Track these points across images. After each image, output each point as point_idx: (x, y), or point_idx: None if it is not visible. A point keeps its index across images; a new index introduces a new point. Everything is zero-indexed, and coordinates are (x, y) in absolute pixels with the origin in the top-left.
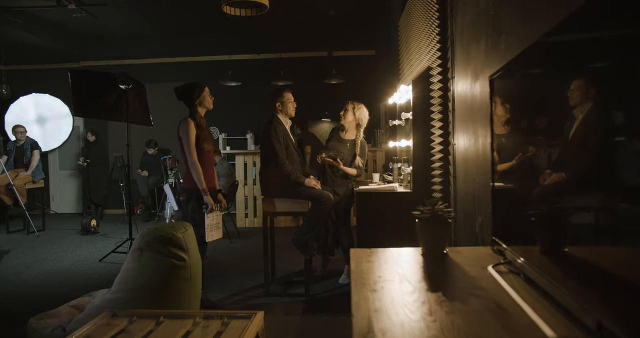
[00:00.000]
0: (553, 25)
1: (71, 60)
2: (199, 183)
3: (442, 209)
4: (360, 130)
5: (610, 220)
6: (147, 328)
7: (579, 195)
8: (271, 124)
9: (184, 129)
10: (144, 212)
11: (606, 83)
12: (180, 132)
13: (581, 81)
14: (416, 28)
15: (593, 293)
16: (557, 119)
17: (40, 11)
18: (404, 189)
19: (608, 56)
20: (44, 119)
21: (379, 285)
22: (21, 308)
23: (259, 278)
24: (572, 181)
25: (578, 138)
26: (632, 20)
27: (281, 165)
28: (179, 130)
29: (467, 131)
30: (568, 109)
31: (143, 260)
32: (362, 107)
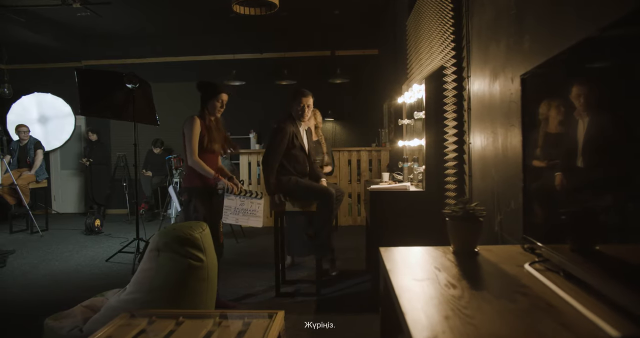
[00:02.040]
0: (608, 23)
1: (73, 59)
2: (207, 173)
3: (474, 208)
4: (319, 131)
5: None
6: (168, 328)
7: (621, 191)
8: (278, 126)
9: (189, 126)
10: (147, 212)
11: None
12: (185, 129)
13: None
14: (427, 28)
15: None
16: (598, 116)
17: (44, 10)
18: (415, 188)
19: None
20: (46, 119)
21: (422, 284)
22: (32, 309)
23: (268, 278)
24: (613, 178)
25: (619, 133)
26: None
27: (264, 167)
28: (183, 126)
29: (485, 130)
30: (610, 107)
31: (160, 261)
32: (317, 111)
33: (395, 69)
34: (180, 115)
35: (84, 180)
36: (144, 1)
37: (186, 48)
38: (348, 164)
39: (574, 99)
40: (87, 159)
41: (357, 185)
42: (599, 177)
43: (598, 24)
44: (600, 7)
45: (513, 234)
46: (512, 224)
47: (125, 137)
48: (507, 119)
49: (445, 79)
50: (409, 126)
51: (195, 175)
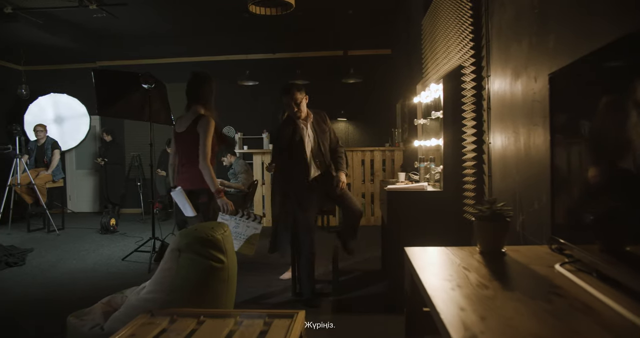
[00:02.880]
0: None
1: (88, 60)
2: (213, 185)
3: (501, 208)
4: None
5: None
6: (190, 327)
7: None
8: (278, 124)
9: (206, 127)
10: (161, 211)
11: None
12: (200, 129)
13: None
14: (444, 27)
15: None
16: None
17: (60, 12)
18: (433, 188)
19: None
20: (62, 119)
21: (453, 284)
22: (53, 307)
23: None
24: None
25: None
26: None
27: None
28: (198, 126)
29: (506, 129)
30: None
31: (181, 261)
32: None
33: (409, 68)
34: None
35: (98, 180)
36: (159, 2)
37: (199, 48)
38: (361, 163)
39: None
40: (102, 158)
41: (370, 185)
42: (633, 176)
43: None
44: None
45: (537, 235)
46: (536, 225)
47: (140, 137)
48: (530, 119)
49: (464, 79)
50: (425, 126)
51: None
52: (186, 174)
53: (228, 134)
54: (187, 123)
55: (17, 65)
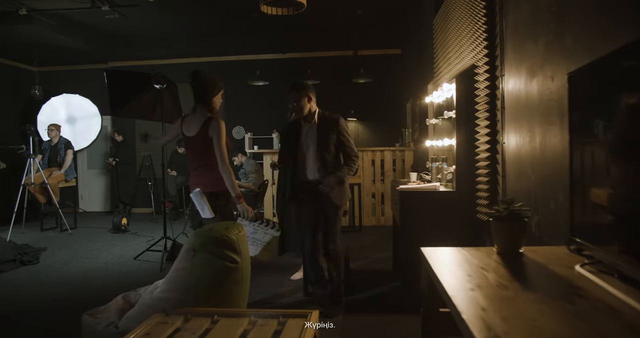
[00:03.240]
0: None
1: (100, 61)
2: (233, 190)
3: (519, 208)
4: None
5: None
6: (204, 326)
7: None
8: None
9: (219, 129)
10: (171, 211)
11: None
12: (214, 132)
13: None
14: (456, 27)
15: None
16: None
17: (73, 13)
18: (445, 188)
19: None
20: (74, 119)
21: (472, 284)
22: (67, 305)
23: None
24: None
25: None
26: None
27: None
28: (209, 129)
29: (521, 129)
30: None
31: (196, 261)
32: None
33: (419, 68)
34: None
35: (109, 180)
36: (170, 3)
37: (210, 48)
38: (372, 163)
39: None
40: (114, 158)
41: (380, 185)
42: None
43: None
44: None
45: (553, 235)
46: (552, 225)
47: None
48: (546, 118)
49: (477, 78)
50: (437, 126)
51: (222, 179)
52: (200, 178)
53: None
54: (196, 126)
55: (30, 66)
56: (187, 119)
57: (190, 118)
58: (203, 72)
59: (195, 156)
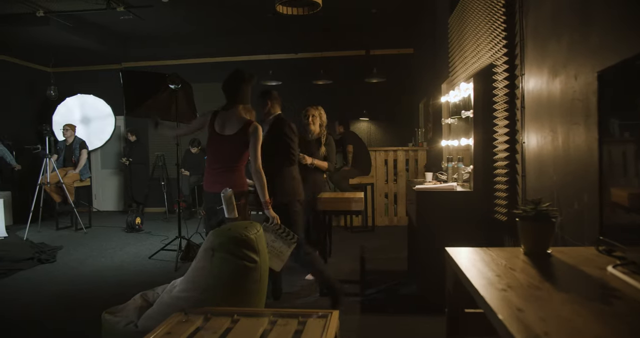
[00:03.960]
0: None
1: (114, 61)
2: (263, 194)
3: (547, 208)
4: (323, 128)
5: None
6: (224, 325)
7: None
8: None
9: (259, 134)
10: (184, 210)
11: None
12: (254, 136)
13: None
14: (474, 26)
15: None
16: None
17: (88, 14)
18: (462, 188)
19: None
20: (88, 119)
21: (503, 285)
22: (85, 302)
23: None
24: None
25: None
26: None
27: None
28: (250, 131)
29: (542, 129)
30: None
31: (215, 261)
32: (320, 109)
33: (433, 68)
34: None
35: (123, 179)
36: (183, 3)
37: (222, 48)
38: (384, 163)
39: None
40: (127, 158)
41: (393, 185)
42: None
43: None
44: None
45: (577, 236)
46: (576, 225)
47: (164, 137)
48: (569, 117)
49: (495, 77)
50: (453, 125)
51: (244, 179)
52: (220, 177)
53: None
54: (235, 126)
55: (45, 67)
56: (220, 116)
57: (225, 116)
58: (244, 70)
59: (223, 155)
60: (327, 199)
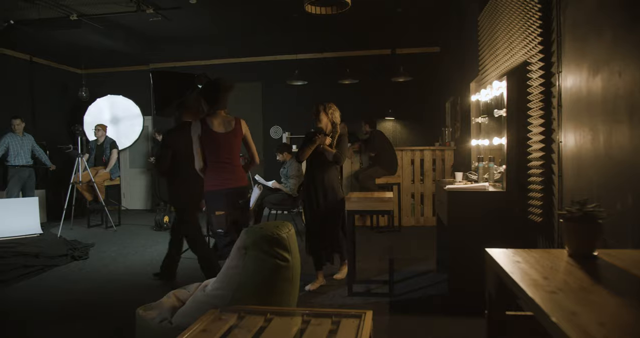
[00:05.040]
0: None
1: (141, 62)
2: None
3: (593, 209)
4: (337, 126)
5: None
6: (258, 324)
7: None
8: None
9: (247, 128)
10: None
11: None
12: (247, 131)
13: None
14: (505, 23)
15: None
16: None
17: (118, 17)
18: (494, 189)
19: None
20: (117, 119)
21: (552, 287)
22: (118, 298)
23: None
24: None
25: None
26: None
27: None
28: (242, 127)
29: (581, 128)
30: None
31: (247, 259)
32: (332, 106)
33: (460, 66)
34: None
35: (150, 179)
36: (209, 4)
37: (248, 49)
38: (411, 163)
39: None
40: (155, 157)
41: (420, 185)
42: None
43: None
44: None
45: (620, 238)
46: (618, 227)
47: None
48: (612, 116)
49: (530, 75)
50: (483, 124)
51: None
52: (234, 173)
53: (276, 133)
54: (228, 124)
55: (77, 69)
56: (208, 119)
57: (212, 118)
58: (222, 78)
59: (229, 151)
60: (357, 199)
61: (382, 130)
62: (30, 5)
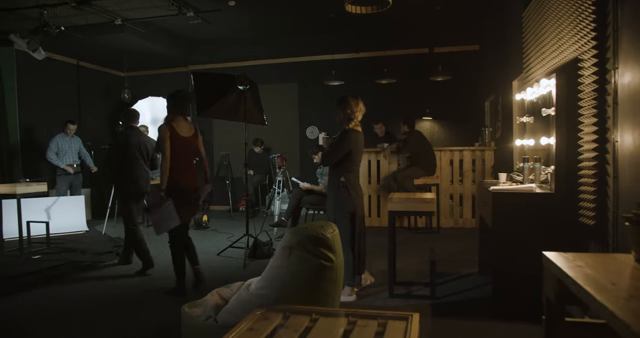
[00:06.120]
0: None
1: (180, 64)
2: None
3: None
4: (341, 120)
5: None
6: (304, 324)
7: None
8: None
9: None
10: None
11: None
12: (200, 135)
13: None
14: (554, 19)
15: None
16: None
17: (160, 20)
18: (541, 190)
19: None
20: (157, 121)
21: (625, 293)
22: (161, 294)
23: (378, 278)
24: None
25: None
26: None
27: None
28: (198, 131)
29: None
30: None
31: (292, 259)
32: (348, 100)
33: (502, 64)
34: (279, 115)
35: None
36: (247, 6)
37: (285, 50)
38: (450, 164)
39: None
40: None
41: (459, 186)
42: None
43: None
44: None
45: None
46: None
47: (227, 137)
48: None
49: (582, 72)
50: (529, 124)
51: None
52: (192, 173)
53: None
54: (190, 129)
55: (120, 71)
56: (174, 124)
57: (177, 123)
58: (185, 90)
59: (190, 153)
60: (398, 199)
61: (420, 130)
62: (79, 12)
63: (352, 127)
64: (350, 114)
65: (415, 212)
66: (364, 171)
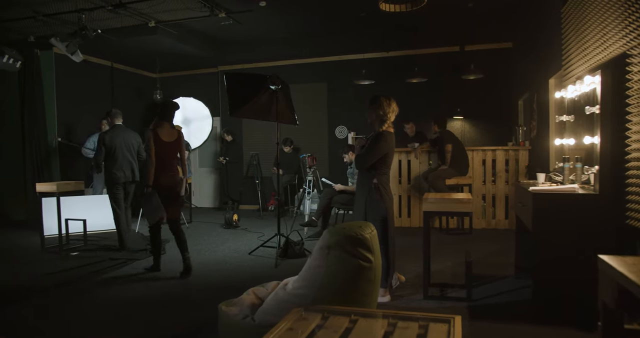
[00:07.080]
0: None
1: (211, 65)
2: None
3: None
4: (371, 121)
5: None
6: (344, 325)
7: None
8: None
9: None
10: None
11: None
12: (184, 141)
13: None
14: (598, 13)
15: None
16: None
17: (192, 22)
18: (584, 191)
19: None
20: (188, 121)
21: None
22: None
23: (412, 280)
24: None
25: None
26: None
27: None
28: (182, 138)
29: None
30: None
31: (330, 259)
32: (380, 100)
33: (537, 62)
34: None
35: (219, 177)
36: (278, 6)
37: (314, 49)
38: (482, 164)
39: None
40: (224, 157)
41: (491, 187)
42: None
43: None
44: None
45: None
46: None
47: (256, 137)
48: None
49: (629, 68)
50: (568, 123)
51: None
52: (172, 172)
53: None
54: (173, 135)
55: (152, 73)
56: (159, 130)
57: (162, 129)
58: (171, 100)
59: (172, 156)
60: (434, 200)
61: (451, 129)
62: (115, 16)
63: (385, 128)
64: (382, 115)
65: (451, 213)
66: (394, 171)
